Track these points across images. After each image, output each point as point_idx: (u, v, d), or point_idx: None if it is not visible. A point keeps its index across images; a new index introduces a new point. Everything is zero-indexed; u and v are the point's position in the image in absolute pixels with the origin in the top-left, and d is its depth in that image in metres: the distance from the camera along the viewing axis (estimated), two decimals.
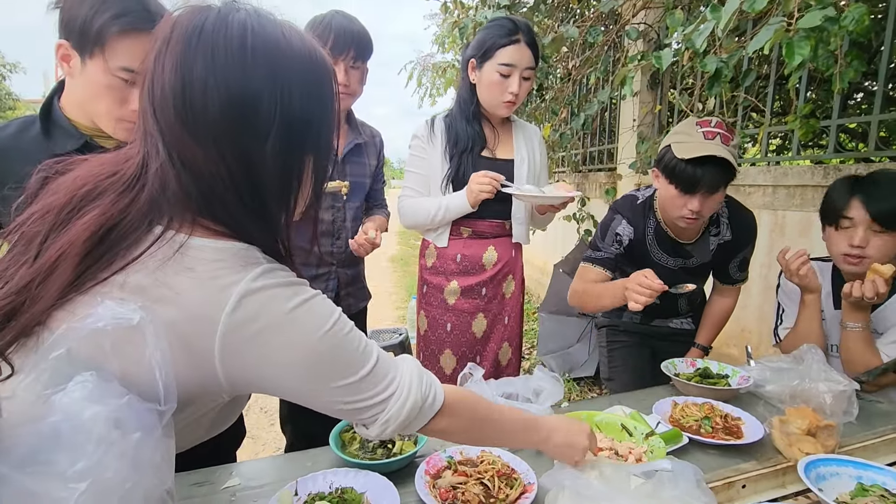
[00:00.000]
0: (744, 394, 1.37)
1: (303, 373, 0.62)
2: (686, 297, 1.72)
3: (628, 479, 0.78)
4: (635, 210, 1.62)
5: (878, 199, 1.32)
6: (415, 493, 0.90)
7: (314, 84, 0.64)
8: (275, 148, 0.61)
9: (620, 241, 1.59)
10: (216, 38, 0.56)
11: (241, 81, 0.57)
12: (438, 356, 1.74)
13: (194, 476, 1.01)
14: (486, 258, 1.70)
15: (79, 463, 0.43)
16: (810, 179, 2.30)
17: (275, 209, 0.66)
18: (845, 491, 0.92)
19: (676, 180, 1.39)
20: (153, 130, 0.59)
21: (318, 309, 0.64)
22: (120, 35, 0.94)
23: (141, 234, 0.58)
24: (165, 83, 0.56)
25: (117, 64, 0.96)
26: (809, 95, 3.17)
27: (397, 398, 0.69)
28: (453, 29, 2.71)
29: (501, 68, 1.55)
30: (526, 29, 1.58)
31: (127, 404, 0.48)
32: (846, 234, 1.37)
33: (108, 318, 0.47)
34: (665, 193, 1.46)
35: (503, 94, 1.58)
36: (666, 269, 1.62)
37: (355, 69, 1.58)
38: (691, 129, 1.41)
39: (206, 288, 0.57)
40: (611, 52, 2.79)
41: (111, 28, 0.94)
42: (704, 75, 1.69)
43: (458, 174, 1.64)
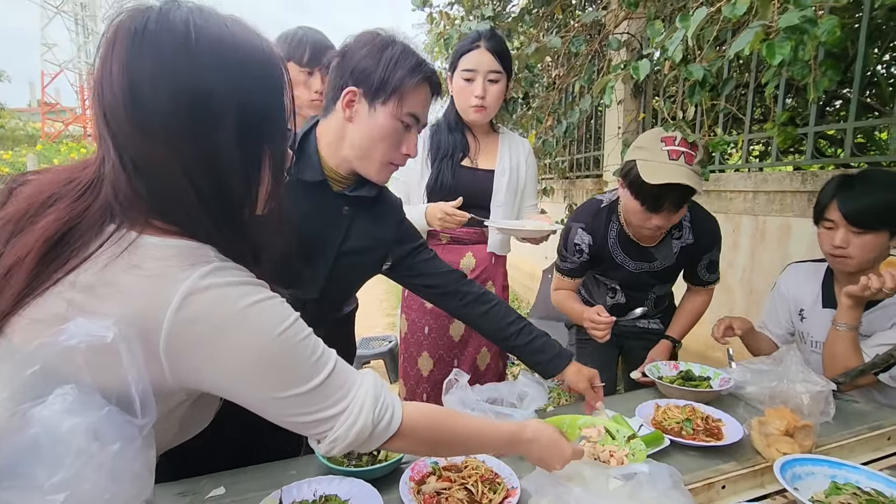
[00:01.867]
0: (725, 395, 1.40)
1: (250, 378, 0.61)
2: (652, 300, 1.76)
3: (607, 482, 0.79)
4: (596, 215, 1.64)
5: (849, 200, 1.34)
6: (399, 500, 0.91)
7: (263, 74, 0.64)
8: (230, 140, 0.60)
9: (581, 249, 1.64)
10: (160, 36, 0.57)
11: (189, 75, 0.57)
12: (417, 358, 1.77)
13: (178, 487, 1.01)
14: (464, 264, 1.72)
15: (57, 475, 0.43)
16: (789, 185, 2.35)
17: (235, 204, 0.65)
18: (820, 490, 0.94)
19: (641, 198, 1.42)
20: (105, 134, 0.59)
21: (270, 311, 0.62)
22: (416, 85, 1.05)
23: (93, 235, 0.58)
24: (114, 85, 0.57)
25: (406, 110, 1.06)
26: (789, 103, 3.25)
27: (346, 418, 0.67)
28: (438, 40, 2.74)
29: (464, 73, 1.62)
30: (488, 35, 1.63)
31: (106, 416, 0.49)
32: (829, 235, 1.40)
33: (80, 335, 0.48)
34: (629, 205, 1.48)
35: (469, 98, 1.63)
36: (629, 271, 1.66)
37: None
38: (655, 146, 1.42)
39: (151, 286, 0.57)
40: (595, 61, 2.84)
41: (411, 79, 1.03)
42: (686, 83, 1.73)
43: (437, 182, 1.67)
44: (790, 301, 1.62)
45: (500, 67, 1.62)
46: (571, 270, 1.70)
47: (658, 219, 1.44)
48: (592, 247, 1.63)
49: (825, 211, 1.41)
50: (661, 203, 1.40)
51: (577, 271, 1.70)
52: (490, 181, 1.71)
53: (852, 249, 1.36)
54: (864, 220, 1.33)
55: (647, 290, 1.73)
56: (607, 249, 1.64)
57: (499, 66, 1.62)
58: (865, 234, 1.34)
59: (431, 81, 1.09)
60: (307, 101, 1.71)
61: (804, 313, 1.56)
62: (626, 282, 1.70)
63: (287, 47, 1.64)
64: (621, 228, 1.63)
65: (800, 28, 1.16)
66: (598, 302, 1.76)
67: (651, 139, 1.46)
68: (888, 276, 1.26)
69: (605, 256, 1.65)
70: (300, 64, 1.64)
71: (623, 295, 1.74)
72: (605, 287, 1.76)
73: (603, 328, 1.49)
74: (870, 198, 1.33)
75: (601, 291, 1.78)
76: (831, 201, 1.39)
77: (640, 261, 1.64)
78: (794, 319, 1.62)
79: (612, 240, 1.64)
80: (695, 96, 1.72)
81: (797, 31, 1.22)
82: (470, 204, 1.70)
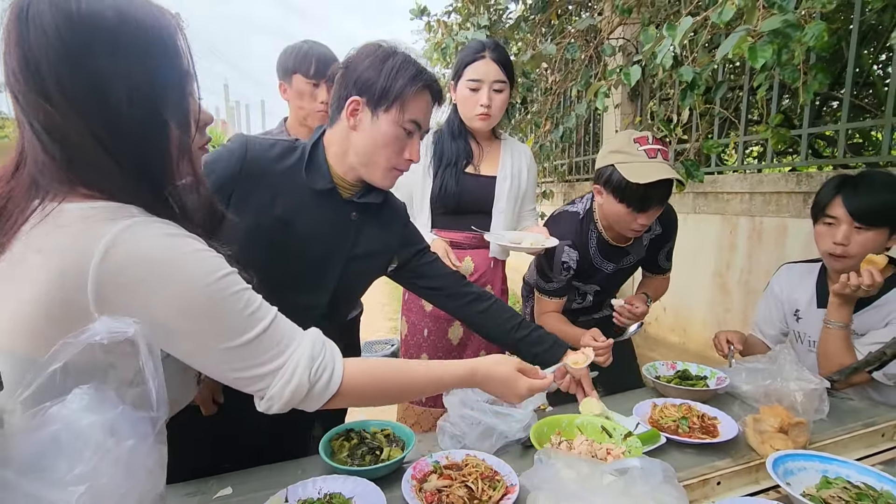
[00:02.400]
0: (721, 394, 1.42)
1: (182, 328, 0.62)
2: (610, 297, 1.79)
3: (602, 478, 0.81)
4: (577, 230, 1.65)
5: (857, 197, 1.37)
6: (401, 498, 0.93)
7: (151, 40, 0.65)
8: (124, 103, 0.62)
9: (569, 266, 1.63)
10: (41, 8, 0.59)
11: (73, 44, 0.59)
12: (416, 359, 1.79)
13: (188, 487, 1.03)
14: (463, 268, 1.74)
15: (77, 468, 0.46)
16: (784, 186, 2.38)
17: (149, 164, 0.66)
18: (812, 484, 0.96)
19: (627, 200, 1.44)
20: (17, 111, 0.61)
21: (200, 262, 0.63)
22: (416, 93, 1.09)
23: (20, 212, 0.61)
24: (14, 62, 0.59)
25: (408, 117, 1.09)
26: (785, 104, 3.27)
27: (281, 376, 0.68)
28: (436, 49, 2.78)
29: (470, 83, 1.66)
30: (493, 46, 1.67)
31: (121, 414, 0.52)
32: (830, 232, 1.42)
33: (104, 332, 0.50)
34: (613, 210, 1.49)
35: (475, 107, 1.66)
36: (605, 273, 1.70)
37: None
38: (630, 148, 1.45)
39: (74, 242, 0.58)
40: (591, 66, 2.88)
41: (412, 87, 1.07)
42: (680, 86, 1.76)
43: (441, 190, 1.69)
44: (784, 302, 1.64)
45: (505, 77, 1.66)
46: (558, 290, 1.68)
47: (644, 217, 1.46)
48: (578, 262, 1.63)
49: (826, 208, 1.43)
50: (648, 202, 1.43)
51: (563, 289, 1.68)
52: (492, 187, 1.74)
53: (853, 247, 1.38)
54: (869, 216, 1.36)
55: (615, 289, 1.82)
56: (590, 259, 1.66)
57: (503, 76, 1.66)
58: (867, 231, 1.36)
59: (432, 89, 1.13)
60: (313, 112, 1.75)
61: (799, 314, 1.58)
62: (602, 284, 1.74)
63: (293, 60, 1.71)
64: (600, 235, 1.65)
65: (782, 32, 1.20)
66: (564, 307, 1.75)
67: (624, 142, 1.47)
68: (866, 273, 1.30)
69: (587, 266, 1.66)
70: (306, 76, 1.71)
71: (592, 298, 1.78)
72: (575, 293, 1.76)
73: (604, 353, 1.41)
74: (875, 195, 1.36)
75: (570, 298, 1.76)
76: (834, 198, 1.41)
77: (616, 261, 1.69)
78: (788, 320, 1.64)
79: (592, 248, 1.66)
80: (687, 99, 1.76)
81: (779, 34, 1.25)
82: (472, 210, 1.74)
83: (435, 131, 1.79)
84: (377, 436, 1.16)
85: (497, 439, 1.14)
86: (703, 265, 2.90)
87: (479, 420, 1.15)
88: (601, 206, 1.57)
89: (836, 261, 1.43)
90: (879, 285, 1.31)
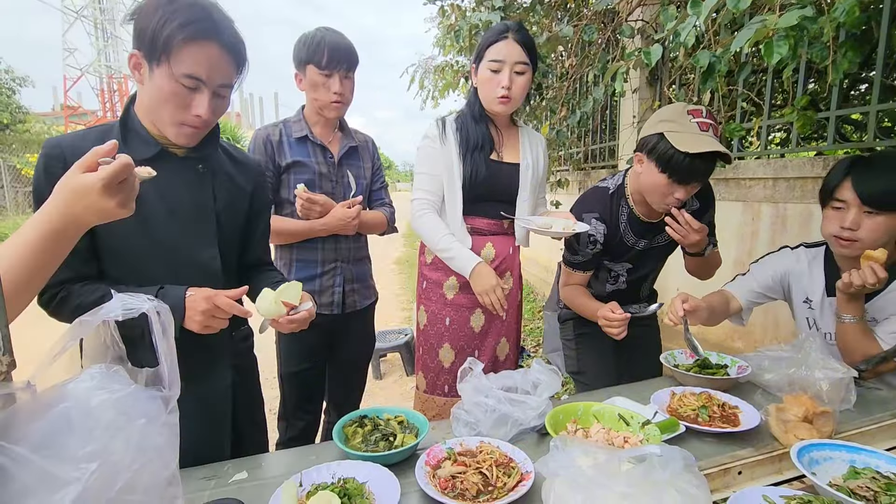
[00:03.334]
0: (743, 383, 1.38)
1: None
2: (650, 281, 1.79)
3: (620, 465, 0.80)
4: (606, 203, 1.63)
5: (867, 180, 1.31)
6: (415, 484, 0.93)
7: None
8: None
9: (595, 240, 1.62)
10: None
11: None
12: (437, 350, 1.78)
13: (203, 471, 1.05)
14: (484, 254, 1.73)
15: (88, 446, 0.46)
16: (810, 171, 2.30)
17: None
18: (838, 474, 0.93)
19: (671, 171, 1.40)
20: None
21: None
22: (185, 43, 0.98)
23: None
24: None
25: (181, 71, 1.00)
26: (811, 87, 3.16)
27: None
28: (449, 32, 2.74)
29: (491, 64, 1.61)
30: (515, 27, 1.62)
31: (132, 393, 0.51)
32: (839, 216, 1.36)
33: (119, 309, 0.50)
34: (652, 180, 1.46)
35: (495, 88, 1.61)
36: (636, 250, 1.67)
37: (348, 80, 1.73)
38: (683, 119, 1.40)
39: None
40: (608, 49, 2.81)
41: (178, 36, 0.97)
42: (700, 70, 1.70)
43: (473, 176, 1.67)
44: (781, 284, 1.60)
45: (528, 59, 1.62)
46: (584, 263, 1.68)
47: (682, 191, 1.42)
48: (606, 235, 1.62)
49: (835, 191, 1.37)
50: (691, 175, 1.39)
51: (589, 263, 1.68)
52: (515, 175, 1.71)
53: (862, 231, 1.32)
54: (880, 200, 1.29)
55: (650, 272, 1.75)
56: (619, 235, 1.64)
57: (526, 58, 1.61)
58: (878, 216, 1.30)
59: (218, 38, 1.02)
60: (327, 103, 1.73)
61: (812, 304, 1.53)
62: (634, 262, 1.70)
63: (306, 51, 1.68)
64: (631, 210, 1.63)
65: (799, 26, 1.15)
66: (595, 289, 1.76)
67: (677, 112, 1.43)
68: (868, 271, 1.25)
69: (617, 242, 1.64)
70: (318, 67, 1.67)
71: (625, 280, 1.74)
72: (607, 273, 1.75)
73: (618, 325, 1.46)
74: (887, 177, 1.30)
75: (602, 279, 1.76)
76: (843, 181, 1.34)
77: (647, 238, 1.65)
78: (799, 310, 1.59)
79: (623, 224, 1.63)
80: (707, 83, 1.70)
81: (796, 28, 1.20)
82: (496, 199, 1.72)
83: (457, 115, 1.77)
84: (391, 422, 1.16)
85: (512, 427, 1.12)
86: (724, 253, 2.80)
87: (494, 408, 1.13)
88: (638, 176, 1.53)
89: (842, 246, 1.37)
90: (884, 279, 1.26)
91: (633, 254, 1.67)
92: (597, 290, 1.76)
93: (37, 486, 0.43)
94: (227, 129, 19.92)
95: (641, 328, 1.75)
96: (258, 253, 1.37)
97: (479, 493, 0.91)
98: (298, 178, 1.75)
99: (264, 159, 1.72)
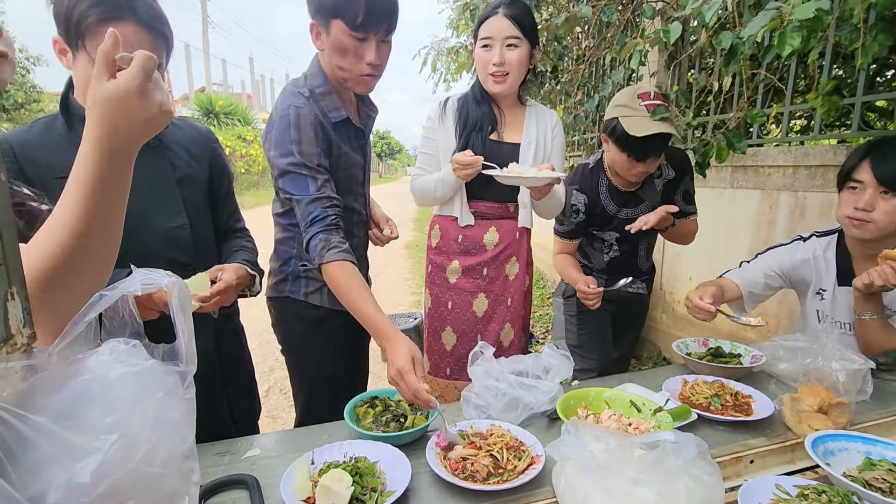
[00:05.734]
0: (756, 372, 1.37)
1: None
2: (644, 249, 1.96)
3: (632, 451, 0.79)
4: (587, 176, 1.85)
5: (885, 161, 1.31)
6: (426, 465, 0.93)
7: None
8: None
9: (577, 209, 1.83)
10: None
11: None
12: (440, 332, 1.78)
13: (218, 447, 1.06)
14: (487, 239, 1.72)
15: (108, 418, 0.46)
16: (833, 159, 2.25)
17: None
18: (853, 465, 0.92)
19: (628, 150, 1.62)
20: None
21: None
22: (98, 24, 0.95)
23: None
24: None
25: None
26: (835, 72, 3.07)
27: None
28: (464, 10, 2.69)
29: (483, 41, 1.60)
30: (508, 2, 1.58)
31: (150, 367, 0.52)
32: (854, 197, 1.36)
33: (138, 284, 0.50)
34: (617, 158, 1.68)
35: (487, 65, 1.59)
36: (622, 219, 1.84)
37: (385, 44, 1.31)
38: (634, 103, 1.62)
39: None
40: (627, 31, 2.74)
41: (89, 18, 0.94)
42: (722, 53, 1.65)
43: None
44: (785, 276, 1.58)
45: (519, 33, 1.56)
46: (570, 232, 1.90)
47: (642, 166, 1.65)
48: (588, 205, 1.82)
49: (852, 172, 1.37)
50: (646, 153, 1.61)
51: (575, 232, 1.90)
52: (515, 154, 1.68)
53: (876, 213, 1.32)
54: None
55: (639, 241, 1.90)
56: (600, 203, 1.84)
57: (517, 32, 1.55)
58: (894, 198, 1.30)
59: (125, 17, 0.95)
60: (356, 76, 1.30)
61: (824, 294, 1.50)
62: (620, 231, 1.85)
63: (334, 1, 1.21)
64: (609, 182, 1.83)
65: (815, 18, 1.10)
66: (595, 261, 1.98)
67: (628, 97, 1.64)
68: (889, 270, 1.23)
69: (599, 211, 1.84)
70: (352, 26, 1.20)
71: (618, 249, 1.92)
72: (601, 244, 1.94)
73: (593, 298, 1.74)
74: None
75: (598, 249, 1.96)
76: (861, 162, 1.35)
77: (630, 206, 1.83)
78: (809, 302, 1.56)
79: (603, 193, 1.84)
80: (730, 65, 1.65)
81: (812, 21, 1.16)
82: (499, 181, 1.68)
83: (461, 97, 1.74)
84: (401, 403, 1.17)
85: (522, 411, 1.13)
86: (740, 241, 2.79)
87: (505, 391, 1.14)
88: (607, 153, 1.75)
89: (855, 226, 1.36)
90: None
91: (617, 222, 1.84)
92: (597, 260, 1.97)
93: (59, 455, 0.44)
94: (238, 110, 19.87)
95: (634, 305, 2.04)
96: (224, 220, 1.39)
97: (490, 475, 0.91)
98: (342, 174, 1.39)
99: (316, 151, 1.28)
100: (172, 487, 0.50)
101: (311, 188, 1.25)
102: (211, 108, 18.96)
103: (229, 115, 19.26)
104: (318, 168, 1.27)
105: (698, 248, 2.90)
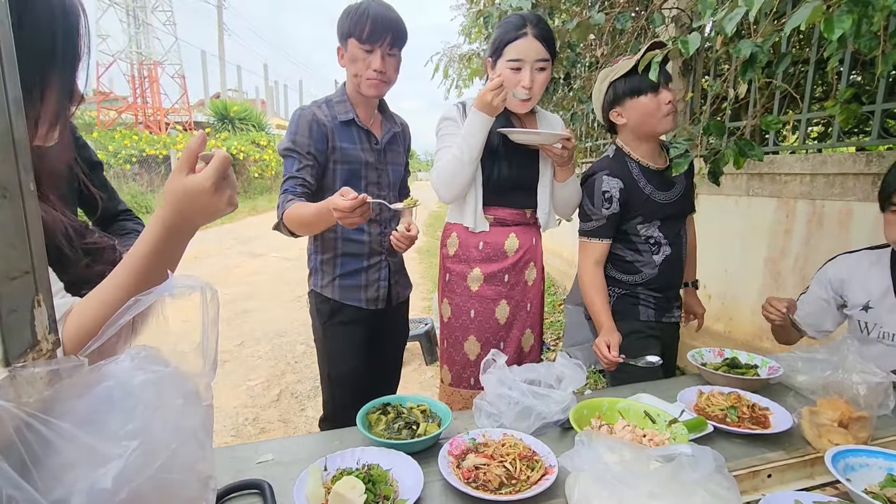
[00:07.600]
0: (774, 384, 1.35)
1: None
2: (683, 243, 1.77)
3: (647, 463, 0.78)
4: (613, 163, 1.70)
5: None
6: (438, 473, 0.93)
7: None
8: None
9: (611, 197, 1.64)
10: None
11: None
12: (462, 342, 1.77)
13: (229, 451, 1.07)
14: (508, 245, 1.72)
15: (129, 425, 0.47)
16: (852, 167, 2.21)
17: None
18: (875, 482, 0.90)
19: (644, 87, 1.59)
20: None
21: None
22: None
23: None
24: None
25: None
26: (853, 79, 3.02)
27: None
28: (478, 18, 2.70)
29: (511, 63, 1.57)
30: (534, 21, 1.57)
31: (171, 374, 0.52)
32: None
33: (170, 288, 0.51)
34: (639, 110, 1.62)
35: (516, 89, 1.59)
36: (660, 204, 1.70)
37: (391, 56, 1.61)
38: (613, 69, 1.66)
39: None
40: (641, 38, 2.73)
41: None
42: (738, 60, 1.64)
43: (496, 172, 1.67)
44: (837, 295, 1.56)
45: (548, 55, 1.58)
46: (601, 228, 1.66)
47: (666, 92, 1.60)
48: (624, 190, 1.64)
49: (893, 196, 1.32)
50: (657, 79, 1.54)
51: (606, 228, 1.66)
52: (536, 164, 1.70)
53: None
54: None
55: (679, 227, 1.75)
56: (637, 186, 1.67)
57: (546, 54, 1.57)
58: None
59: None
60: (364, 80, 1.61)
61: (871, 304, 1.48)
62: (664, 219, 1.70)
63: (349, 22, 1.56)
64: (638, 162, 1.70)
65: (863, 1, 1.08)
66: (646, 269, 1.70)
67: (605, 72, 1.70)
68: None
69: (637, 195, 1.66)
70: (360, 40, 1.55)
71: (667, 244, 1.70)
72: (648, 244, 1.70)
73: (607, 364, 1.57)
74: None
75: (646, 250, 1.70)
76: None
77: (665, 189, 1.71)
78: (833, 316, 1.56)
79: (636, 172, 1.69)
80: (747, 73, 1.64)
81: (860, 3, 1.14)
82: (516, 187, 1.70)
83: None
84: (413, 411, 1.17)
85: (535, 420, 1.12)
86: (755, 251, 2.75)
87: (518, 400, 1.13)
88: (628, 126, 1.68)
89: None
90: None
91: (657, 207, 1.68)
92: (647, 269, 1.70)
93: (81, 460, 0.44)
94: (252, 116, 20.13)
95: (671, 327, 1.81)
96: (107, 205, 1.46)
97: (502, 485, 0.91)
98: (344, 166, 1.66)
99: (309, 142, 1.58)
100: (191, 494, 0.51)
101: (294, 168, 1.58)
102: (226, 114, 19.25)
103: (244, 121, 19.53)
104: (305, 155, 1.58)
105: (713, 257, 2.86)
